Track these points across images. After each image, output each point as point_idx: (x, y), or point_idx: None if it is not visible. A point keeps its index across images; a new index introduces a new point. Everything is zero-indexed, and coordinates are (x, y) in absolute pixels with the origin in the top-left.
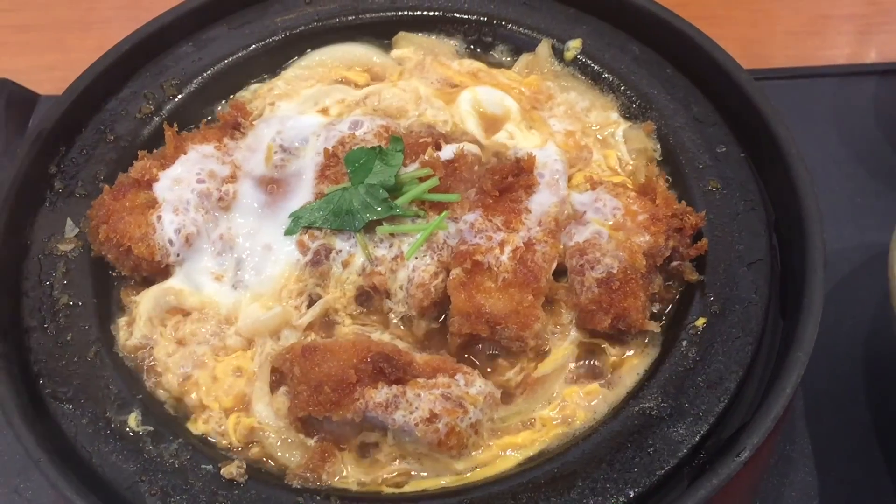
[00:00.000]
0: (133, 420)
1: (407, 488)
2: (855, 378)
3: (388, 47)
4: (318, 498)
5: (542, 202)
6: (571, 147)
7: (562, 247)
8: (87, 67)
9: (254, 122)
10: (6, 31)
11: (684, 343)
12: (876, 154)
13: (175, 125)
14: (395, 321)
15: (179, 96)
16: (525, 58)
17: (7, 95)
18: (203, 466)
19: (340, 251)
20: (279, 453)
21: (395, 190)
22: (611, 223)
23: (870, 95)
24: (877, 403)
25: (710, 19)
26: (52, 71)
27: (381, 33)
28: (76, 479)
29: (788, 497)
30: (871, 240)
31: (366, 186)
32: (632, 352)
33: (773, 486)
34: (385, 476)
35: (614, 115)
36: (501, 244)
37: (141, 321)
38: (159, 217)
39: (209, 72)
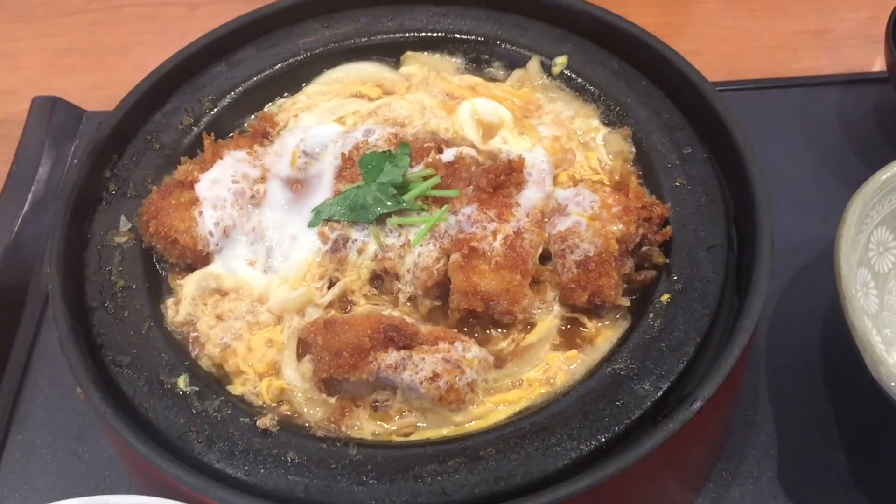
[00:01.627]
0: (182, 382)
1: (413, 437)
2: (813, 352)
3: (397, 65)
4: (338, 444)
5: (529, 197)
6: (557, 150)
7: (546, 235)
8: (133, 86)
9: (280, 132)
10: (56, 54)
11: (651, 315)
12: (837, 156)
13: (212, 134)
14: (403, 300)
15: (215, 110)
16: (517, 73)
17: (58, 112)
18: (241, 419)
19: (356, 240)
20: (305, 410)
21: (403, 187)
22: (589, 214)
23: (833, 104)
24: (831, 374)
25: (693, 35)
26: (96, 90)
27: (391, 53)
28: (136, 428)
29: (750, 455)
30: (831, 232)
31: (377, 185)
32: (606, 323)
33: (736, 445)
34: (395, 427)
35: (595, 122)
36: (494, 233)
37: (186, 301)
38: (200, 212)
39: (240, 88)
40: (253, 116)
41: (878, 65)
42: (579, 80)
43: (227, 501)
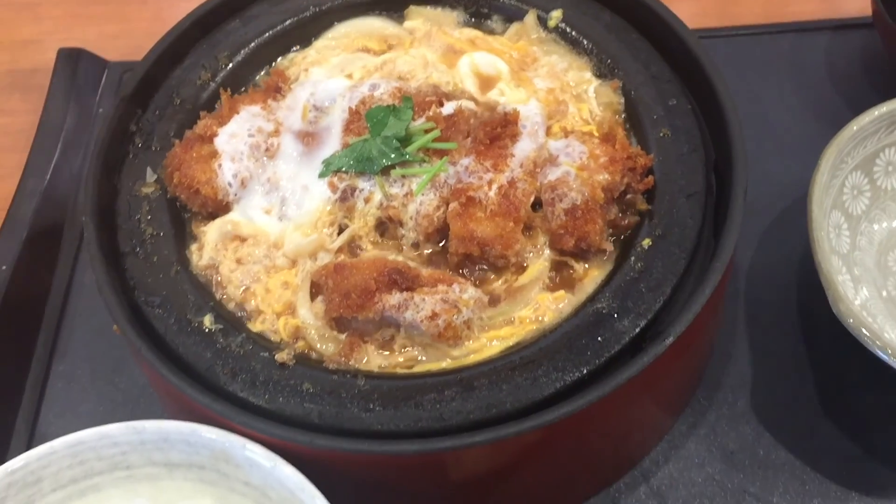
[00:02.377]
0: (208, 320)
1: (415, 370)
2: (789, 289)
3: (401, 19)
4: (348, 376)
5: (523, 148)
6: (551, 102)
7: (538, 184)
8: (151, 36)
9: (291, 86)
10: (76, 5)
11: (633, 259)
12: (824, 100)
13: (228, 90)
14: (406, 245)
15: (230, 65)
16: (515, 26)
17: (83, 63)
18: (261, 354)
19: (363, 190)
20: (318, 345)
21: (406, 140)
22: (578, 164)
23: (822, 49)
24: (804, 310)
25: None
26: (116, 39)
27: (395, 7)
28: (168, 362)
29: (726, 384)
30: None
31: (382, 138)
32: (592, 266)
33: (714, 374)
34: (399, 361)
35: (588, 75)
36: (490, 183)
37: (209, 247)
38: (220, 165)
39: (254, 43)
40: (265, 71)
41: (869, 9)
42: (573, 34)
43: (250, 426)
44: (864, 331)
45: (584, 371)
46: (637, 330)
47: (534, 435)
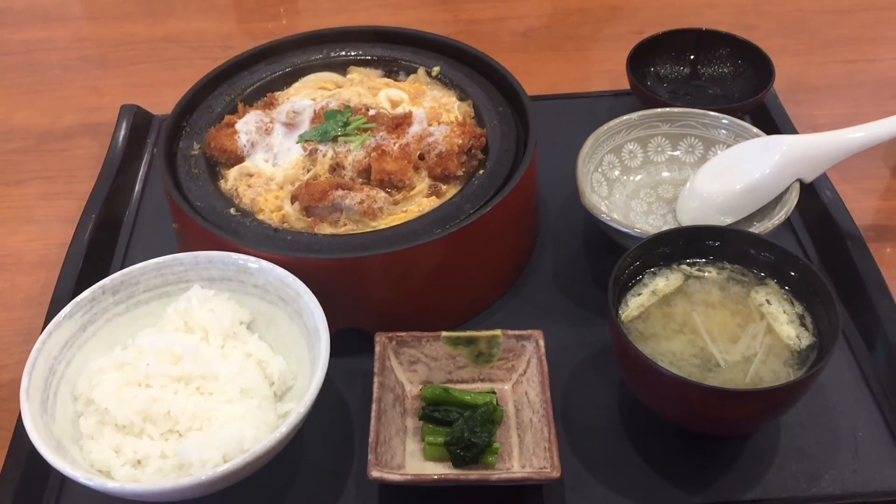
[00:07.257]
0: (232, 211)
1: (350, 233)
2: (577, 223)
3: (345, 73)
4: (313, 235)
5: (414, 129)
6: (433, 113)
7: (422, 145)
8: (192, 85)
9: (279, 106)
10: (126, 88)
11: (474, 180)
12: None
13: (243, 103)
14: (346, 179)
15: (242, 94)
16: (412, 76)
17: (137, 115)
18: (263, 226)
19: (322, 150)
20: (296, 224)
21: (347, 124)
22: (444, 135)
23: (607, 106)
24: (586, 231)
25: (532, 73)
26: (155, 106)
27: (342, 66)
28: (213, 227)
29: (539, 269)
30: None
31: (333, 121)
32: (451, 186)
33: (532, 267)
34: (341, 231)
35: (454, 99)
36: (395, 143)
37: (231, 179)
38: (238, 136)
39: (256, 84)
40: (264, 99)
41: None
42: (447, 80)
43: (259, 249)
44: (596, 210)
45: (444, 228)
46: (473, 210)
47: (412, 252)
